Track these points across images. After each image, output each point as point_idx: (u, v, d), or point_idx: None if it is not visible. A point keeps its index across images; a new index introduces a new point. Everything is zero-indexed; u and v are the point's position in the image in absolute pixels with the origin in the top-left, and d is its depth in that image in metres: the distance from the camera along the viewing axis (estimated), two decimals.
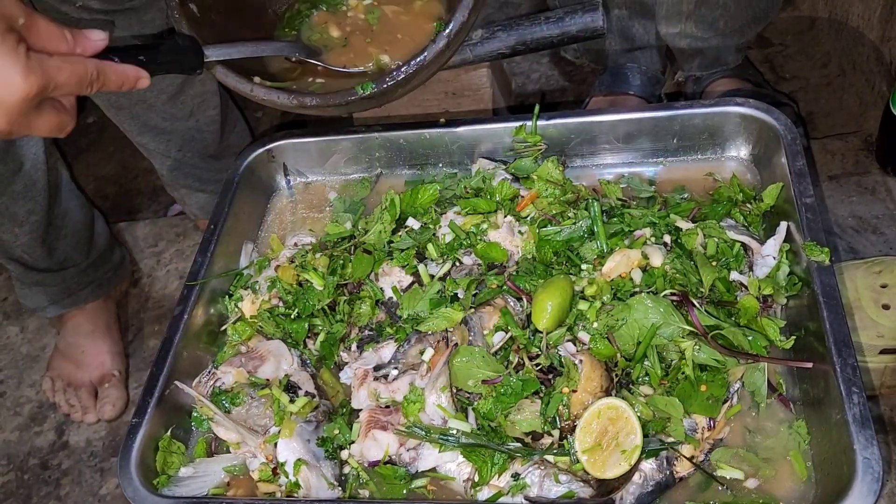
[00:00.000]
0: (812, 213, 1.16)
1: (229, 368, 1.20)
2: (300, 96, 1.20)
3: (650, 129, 1.39)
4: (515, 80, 2.26)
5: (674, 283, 1.13)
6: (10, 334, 2.05)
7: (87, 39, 0.90)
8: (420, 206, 1.37)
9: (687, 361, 1.07)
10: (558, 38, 1.52)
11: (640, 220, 1.23)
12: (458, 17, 1.16)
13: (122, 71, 0.94)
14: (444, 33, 1.16)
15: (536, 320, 1.12)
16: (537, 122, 1.40)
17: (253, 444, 1.13)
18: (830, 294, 1.08)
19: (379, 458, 1.11)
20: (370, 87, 1.16)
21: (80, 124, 2.58)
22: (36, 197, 1.71)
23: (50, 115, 0.88)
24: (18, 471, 1.79)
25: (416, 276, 1.27)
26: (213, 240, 1.38)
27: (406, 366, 1.15)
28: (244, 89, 1.21)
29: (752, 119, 1.32)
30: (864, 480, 0.93)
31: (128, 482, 1.11)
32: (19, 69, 0.81)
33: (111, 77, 0.92)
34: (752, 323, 1.12)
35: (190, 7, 1.25)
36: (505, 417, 1.08)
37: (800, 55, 2.14)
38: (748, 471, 1.05)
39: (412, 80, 1.19)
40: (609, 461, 1.02)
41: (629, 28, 1.82)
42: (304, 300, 1.27)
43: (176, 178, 1.92)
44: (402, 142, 1.48)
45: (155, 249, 2.12)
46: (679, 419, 1.04)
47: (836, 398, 0.99)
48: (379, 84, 1.17)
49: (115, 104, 1.70)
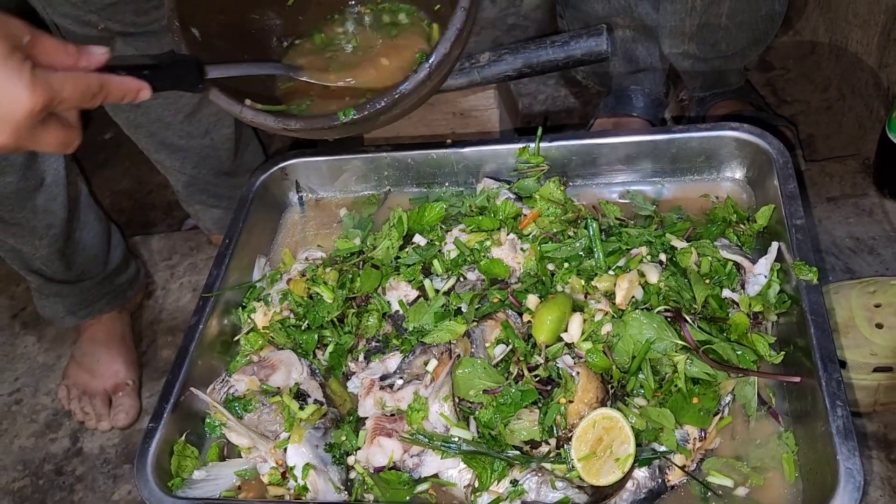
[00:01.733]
0: (802, 234, 1.21)
1: (242, 376, 1.25)
2: (285, 119, 1.23)
3: (649, 152, 1.43)
4: (522, 101, 2.30)
5: (668, 300, 1.17)
6: (28, 343, 2.10)
7: (90, 54, 0.92)
8: (426, 223, 1.41)
9: (679, 375, 1.11)
10: (564, 61, 1.58)
11: (637, 238, 1.27)
12: (440, 49, 1.18)
13: (124, 83, 0.96)
14: (426, 64, 1.18)
15: (536, 334, 1.17)
16: (540, 144, 1.45)
17: (264, 449, 1.18)
18: (818, 312, 1.12)
19: (384, 464, 1.15)
20: (352, 114, 1.18)
21: (98, 140, 2.66)
22: (56, 211, 1.75)
23: (56, 131, 0.91)
24: (34, 476, 1.83)
25: (422, 291, 1.31)
26: (227, 253, 1.43)
27: (411, 376, 1.19)
28: (234, 110, 1.23)
29: (746, 143, 1.36)
30: (846, 489, 0.96)
31: (144, 483, 1.16)
32: (25, 84, 0.83)
33: (114, 89, 0.95)
34: (742, 339, 1.16)
35: (192, 31, 1.29)
36: (505, 426, 1.12)
37: (801, 79, 2.18)
38: (738, 479, 1.08)
39: (393, 109, 1.20)
40: (604, 469, 1.06)
41: (633, 50, 1.87)
42: (315, 312, 1.32)
43: (191, 194, 1.96)
44: (409, 161, 1.53)
45: (169, 262, 2.18)
46: (671, 430, 1.08)
47: (821, 411, 1.03)
48: (360, 111, 1.18)
49: (133, 122, 1.74)
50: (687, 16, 1.67)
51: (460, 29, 1.19)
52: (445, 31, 1.19)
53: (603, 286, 1.22)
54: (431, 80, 1.19)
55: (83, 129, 0.98)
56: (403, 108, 1.23)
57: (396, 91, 1.18)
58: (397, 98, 1.18)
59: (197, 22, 1.29)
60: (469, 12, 1.19)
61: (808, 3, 2.22)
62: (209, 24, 1.32)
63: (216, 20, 1.34)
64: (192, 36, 1.28)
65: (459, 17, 1.19)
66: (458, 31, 1.19)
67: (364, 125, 1.23)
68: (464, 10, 1.19)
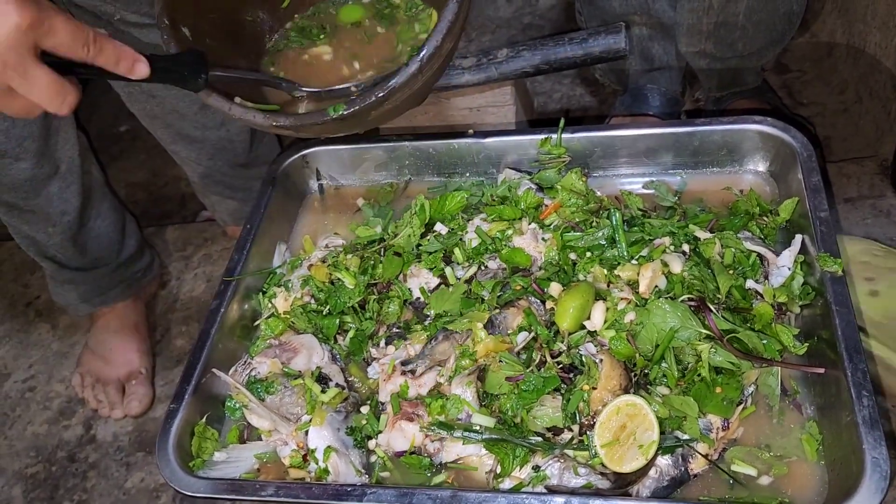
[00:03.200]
0: (826, 227, 1.20)
1: (264, 359, 1.25)
2: (275, 116, 1.20)
3: (670, 144, 1.43)
4: (537, 100, 2.31)
5: (691, 290, 1.17)
6: (42, 331, 2.11)
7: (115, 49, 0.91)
8: (448, 212, 1.41)
9: (703, 364, 1.10)
10: (582, 58, 1.57)
11: (659, 229, 1.27)
12: (431, 42, 1.15)
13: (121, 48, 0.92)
14: (417, 57, 1.15)
15: (559, 321, 1.17)
16: (562, 136, 1.45)
17: (285, 432, 1.18)
18: (843, 303, 1.12)
19: (405, 448, 1.15)
20: (341, 109, 1.15)
21: (113, 133, 2.67)
22: (70, 199, 1.76)
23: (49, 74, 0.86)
24: (47, 463, 1.83)
25: (443, 278, 1.32)
26: (248, 239, 1.43)
27: (433, 362, 1.20)
28: (223, 108, 1.21)
29: (769, 136, 1.36)
30: (872, 479, 0.96)
31: (165, 463, 1.16)
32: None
33: (108, 49, 0.90)
34: (766, 329, 1.15)
35: (182, 31, 1.27)
36: (527, 412, 1.12)
37: (817, 81, 2.18)
38: (761, 468, 1.08)
39: (384, 104, 1.17)
40: (627, 456, 1.06)
41: (649, 49, 1.87)
42: (336, 298, 1.32)
43: (207, 185, 1.97)
44: (430, 151, 1.53)
45: (184, 253, 2.18)
46: (694, 418, 1.08)
47: (846, 401, 1.03)
48: (350, 106, 1.16)
49: (149, 113, 1.75)
50: (704, 14, 1.67)
51: (452, 21, 1.15)
52: (437, 24, 1.16)
53: (626, 275, 1.22)
54: (423, 74, 1.16)
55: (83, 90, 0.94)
56: (395, 104, 1.20)
57: (387, 85, 1.15)
58: (388, 93, 1.15)
59: (188, 20, 1.28)
60: (461, 4, 1.17)
61: (825, 6, 2.22)
62: (200, 23, 1.31)
63: (207, 19, 1.32)
64: (183, 35, 1.27)
65: (452, 8, 1.16)
66: (451, 22, 1.15)
67: (355, 122, 1.20)
68: (456, 2, 1.17)
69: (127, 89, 1.71)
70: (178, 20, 1.27)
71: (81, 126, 1.79)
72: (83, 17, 1.50)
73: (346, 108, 1.16)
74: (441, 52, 1.17)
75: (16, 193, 1.67)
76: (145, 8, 1.50)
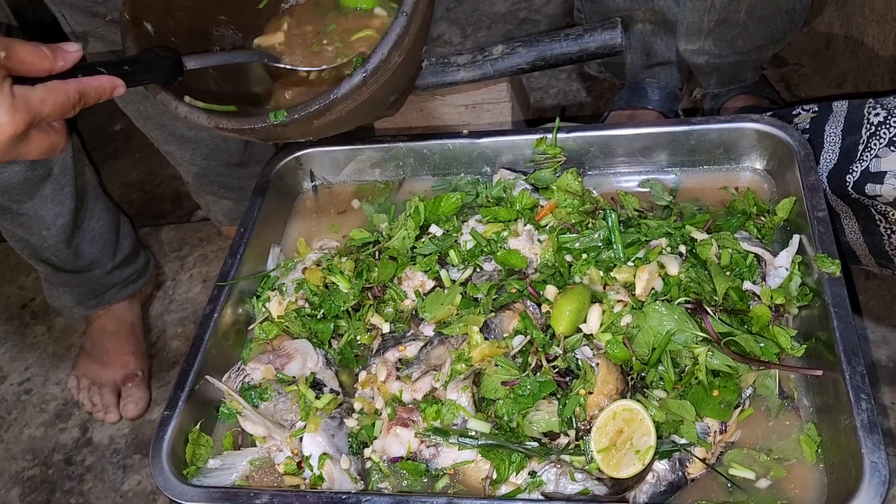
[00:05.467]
0: (824, 227, 1.19)
1: (258, 365, 1.24)
2: (217, 118, 1.19)
3: (667, 143, 1.42)
4: (534, 95, 2.30)
5: (688, 292, 1.16)
6: (38, 333, 2.10)
7: (65, 52, 0.93)
8: (442, 213, 1.40)
9: (700, 367, 1.09)
10: (577, 54, 1.56)
11: (656, 230, 1.26)
12: (377, 54, 1.14)
13: (99, 84, 0.98)
14: (363, 68, 1.14)
15: (555, 324, 1.16)
16: (557, 135, 1.44)
17: (280, 438, 1.17)
18: (840, 304, 1.11)
19: (401, 454, 1.14)
20: (282, 116, 1.15)
21: (107, 132, 2.66)
22: (64, 201, 1.75)
23: (40, 140, 0.93)
24: (43, 466, 1.83)
25: (438, 281, 1.31)
26: (242, 242, 1.42)
27: (428, 366, 1.19)
28: (170, 107, 1.20)
29: (766, 135, 1.35)
30: (871, 483, 0.95)
31: (159, 471, 1.15)
32: (6, 108, 0.85)
33: (91, 94, 0.97)
34: (764, 331, 1.15)
35: (146, 27, 1.25)
36: (523, 417, 1.11)
37: (815, 75, 2.17)
38: (760, 471, 1.07)
39: (326, 114, 1.16)
40: (623, 461, 1.05)
41: (651, 43, 1.86)
42: (331, 301, 1.31)
43: (201, 185, 1.96)
44: (426, 151, 1.52)
45: (179, 254, 2.17)
46: (692, 422, 1.07)
47: (844, 404, 1.02)
48: (290, 114, 1.15)
49: (142, 114, 1.74)
50: (706, 12, 1.66)
51: (400, 35, 1.13)
52: (384, 37, 1.14)
53: (622, 277, 1.20)
54: (367, 85, 1.15)
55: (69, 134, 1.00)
56: (340, 114, 1.18)
57: (329, 95, 1.14)
58: (330, 102, 1.14)
59: (152, 17, 1.27)
60: (411, 18, 1.15)
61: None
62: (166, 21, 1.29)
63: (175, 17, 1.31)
64: (146, 31, 1.25)
65: (400, 21, 1.14)
66: (399, 36, 1.13)
67: (297, 129, 1.19)
68: (405, 16, 1.14)
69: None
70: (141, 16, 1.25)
71: (74, 127, 1.78)
72: (78, 17, 1.49)
73: (286, 116, 1.15)
74: (388, 64, 1.15)
75: (9, 196, 1.66)
76: None
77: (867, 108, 1.36)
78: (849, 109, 1.39)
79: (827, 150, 1.38)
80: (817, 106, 1.45)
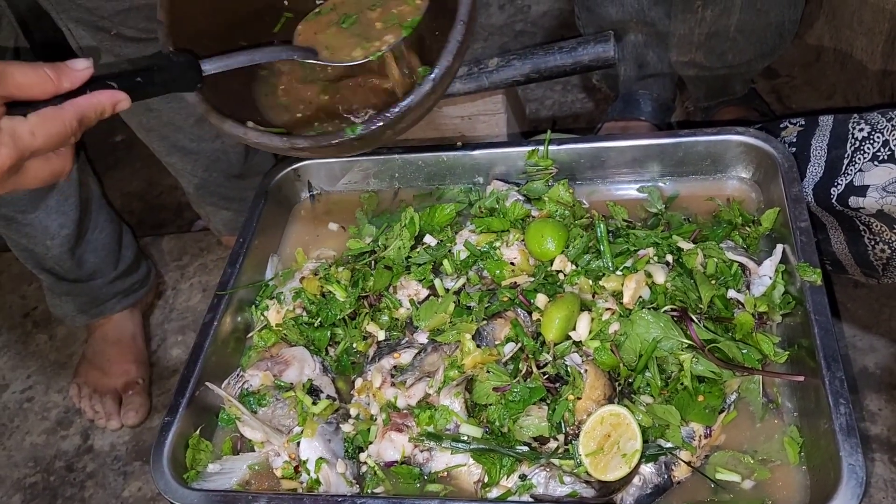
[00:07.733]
0: (806, 237, 1.23)
1: (256, 371, 1.27)
2: (292, 139, 1.20)
3: (655, 155, 1.45)
4: (529, 107, 2.32)
5: (674, 300, 1.19)
6: (40, 342, 2.13)
7: (72, 70, 0.85)
8: (437, 224, 1.44)
9: (685, 373, 1.12)
10: (571, 67, 1.59)
11: (644, 240, 1.29)
12: (442, 63, 1.17)
13: (98, 102, 0.88)
14: (430, 77, 1.16)
15: (545, 332, 1.19)
16: (549, 147, 1.47)
17: (277, 443, 1.20)
18: (821, 312, 1.14)
19: (395, 458, 1.17)
20: (359, 129, 1.17)
21: (109, 142, 2.69)
22: (68, 212, 1.78)
23: (38, 170, 0.85)
24: (45, 473, 1.85)
25: (432, 290, 1.34)
26: (241, 252, 1.45)
27: (422, 373, 1.22)
28: (238, 133, 1.20)
29: (751, 147, 1.39)
30: (848, 485, 0.99)
31: (160, 476, 1.18)
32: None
33: (91, 115, 0.88)
34: (747, 338, 1.18)
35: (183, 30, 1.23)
36: (514, 422, 1.14)
37: (806, 87, 2.20)
38: (744, 473, 1.10)
39: (399, 123, 1.19)
40: (610, 464, 1.08)
41: (644, 55, 1.89)
42: (327, 310, 1.34)
43: (202, 196, 1.98)
44: (420, 163, 1.55)
45: (179, 263, 2.20)
46: (677, 426, 1.10)
47: (824, 409, 1.06)
48: (367, 126, 1.17)
49: (145, 126, 1.77)
50: (696, 25, 1.69)
51: (461, 42, 1.18)
52: (447, 44, 1.18)
53: (611, 286, 1.24)
54: (435, 92, 1.18)
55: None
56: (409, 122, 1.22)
57: (403, 104, 1.17)
58: (404, 111, 1.17)
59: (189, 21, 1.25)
60: (468, 26, 1.19)
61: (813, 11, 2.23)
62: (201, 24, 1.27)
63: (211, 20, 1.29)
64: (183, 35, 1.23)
65: (459, 30, 1.18)
66: (459, 43, 1.18)
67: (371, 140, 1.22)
68: (463, 24, 1.18)
69: None
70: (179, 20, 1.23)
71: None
72: (83, 32, 1.52)
73: (363, 129, 1.18)
74: (451, 70, 1.19)
75: (14, 207, 1.69)
76: (142, 24, 1.51)
77: (852, 123, 1.39)
78: (834, 124, 1.43)
79: (813, 163, 1.41)
80: (804, 120, 1.49)
